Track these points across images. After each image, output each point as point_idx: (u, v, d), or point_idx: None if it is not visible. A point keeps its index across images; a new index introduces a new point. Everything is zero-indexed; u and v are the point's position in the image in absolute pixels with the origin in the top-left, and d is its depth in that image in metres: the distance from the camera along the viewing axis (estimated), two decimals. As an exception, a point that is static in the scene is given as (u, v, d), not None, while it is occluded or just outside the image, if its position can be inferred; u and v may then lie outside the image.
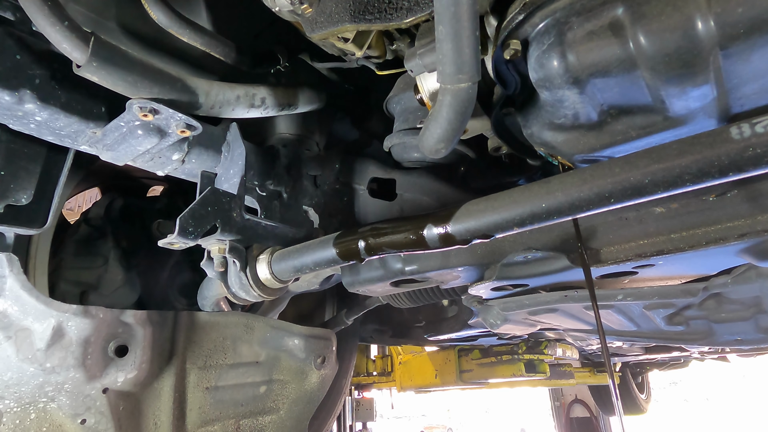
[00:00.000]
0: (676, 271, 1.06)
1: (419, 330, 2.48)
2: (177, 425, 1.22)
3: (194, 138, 1.01)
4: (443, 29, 0.61)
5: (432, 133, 0.75)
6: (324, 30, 0.85)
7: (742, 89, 0.64)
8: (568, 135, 0.77)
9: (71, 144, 0.94)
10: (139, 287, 1.62)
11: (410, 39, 0.96)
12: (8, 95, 0.81)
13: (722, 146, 0.51)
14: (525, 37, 0.73)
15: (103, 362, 1.09)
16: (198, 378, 1.28)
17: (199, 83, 0.89)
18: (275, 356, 1.46)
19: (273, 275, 1.00)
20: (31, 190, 0.99)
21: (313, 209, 1.18)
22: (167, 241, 0.89)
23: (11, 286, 1.01)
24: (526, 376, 3.34)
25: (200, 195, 1.00)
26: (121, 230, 1.62)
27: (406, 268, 1.08)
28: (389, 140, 1.19)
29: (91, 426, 1.08)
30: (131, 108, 0.82)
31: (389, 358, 4.95)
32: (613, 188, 0.57)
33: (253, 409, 1.41)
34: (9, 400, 1.02)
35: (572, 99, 0.71)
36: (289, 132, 1.27)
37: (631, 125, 0.72)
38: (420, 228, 0.77)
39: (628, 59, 0.64)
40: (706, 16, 0.58)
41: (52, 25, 0.72)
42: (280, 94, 1.06)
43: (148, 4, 0.89)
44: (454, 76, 0.65)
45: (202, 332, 1.30)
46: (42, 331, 1.02)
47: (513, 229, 0.67)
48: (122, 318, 1.13)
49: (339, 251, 0.88)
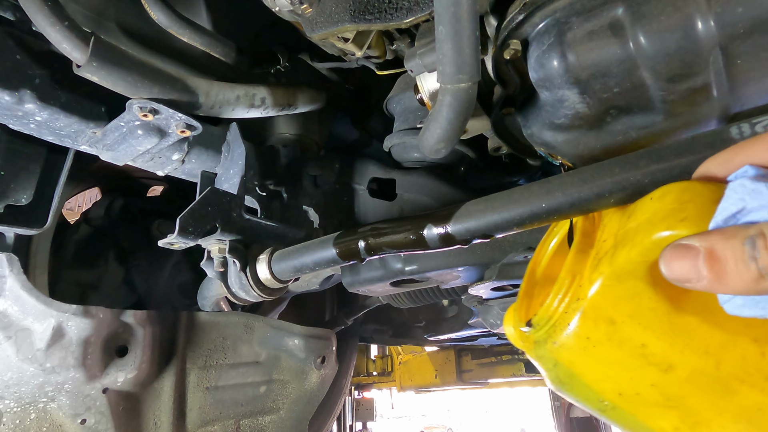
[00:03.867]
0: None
1: (419, 330, 2.48)
2: (177, 425, 1.23)
3: (194, 138, 1.01)
4: (443, 29, 0.61)
5: (432, 133, 0.75)
6: (324, 30, 0.85)
7: (742, 89, 0.64)
8: (568, 135, 0.77)
9: (71, 144, 0.94)
10: (139, 287, 1.62)
11: (410, 39, 0.96)
12: (8, 95, 0.81)
13: (722, 146, 0.51)
14: (525, 37, 0.73)
15: (103, 362, 1.09)
16: (198, 378, 1.28)
17: (199, 83, 0.89)
18: (275, 356, 1.46)
19: (273, 275, 1.00)
20: (31, 190, 0.99)
21: (313, 209, 1.18)
22: (167, 241, 0.89)
23: (11, 286, 1.01)
24: (526, 376, 3.34)
25: (200, 195, 1.00)
26: (121, 230, 1.62)
27: (406, 268, 1.08)
28: (389, 140, 1.19)
29: (91, 426, 1.08)
30: (131, 108, 0.82)
31: (389, 358, 4.95)
32: (613, 188, 0.57)
33: (253, 409, 1.41)
34: (9, 400, 1.03)
35: (572, 99, 0.71)
36: (289, 132, 1.27)
37: (631, 125, 0.72)
38: (420, 228, 0.77)
39: (628, 59, 0.64)
40: (706, 16, 0.58)
41: (52, 25, 0.72)
42: (280, 94, 1.06)
43: (148, 4, 0.89)
44: (454, 76, 0.65)
45: (202, 332, 1.30)
46: (42, 331, 1.02)
47: (513, 229, 0.67)
48: (122, 318, 1.13)
49: (339, 251, 0.88)
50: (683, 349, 0.46)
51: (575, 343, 0.51)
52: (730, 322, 0.44)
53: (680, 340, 0.46)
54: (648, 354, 0.47)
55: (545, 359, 0.55)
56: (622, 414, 0.51)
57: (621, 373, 0.50)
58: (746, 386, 0.45)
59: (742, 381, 0.45)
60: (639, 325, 0.48)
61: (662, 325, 0.47)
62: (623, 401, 0.50)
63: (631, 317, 0.48)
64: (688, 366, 0.46)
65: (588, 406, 0.55)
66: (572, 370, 0.53)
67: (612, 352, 0.49)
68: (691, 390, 0.47)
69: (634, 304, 0.48)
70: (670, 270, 0.40)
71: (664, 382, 0.47)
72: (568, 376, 0.54)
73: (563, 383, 0.55)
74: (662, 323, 0.47)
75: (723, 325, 0.46)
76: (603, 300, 0.50)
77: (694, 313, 0.46)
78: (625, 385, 0.50)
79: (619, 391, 0.50)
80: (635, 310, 0.48)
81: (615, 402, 0.51)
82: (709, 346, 0.46)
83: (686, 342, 0.46)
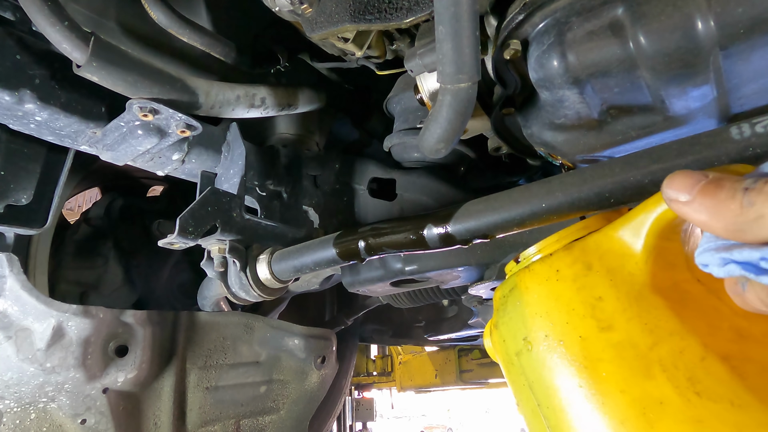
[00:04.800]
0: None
1: (419, 330, 2.48)
2: (177, 425, 1.23)
3: (194, 138, 1.01)
4: (443, 29, 0.61)
5: (432, 133, 0.75)
6: (324, 30, 0.85)
7: (742, 89, 0.64)
8: (568, 135, 0.77)
9: (71, 144, 0.94)
10: (139, 287, 1.62)
11: (410, 39, 0.96)
12: (8, 95, 0.81)
13: (722, 146, 0.51)
14: (525, 37, 0.73)
15: (103, 362, 1.09)
16: (198, 378, 1.28)
17: (199, 83, 0.89)
18: (275, 356, 1.46)
19: (273, 275, 1.00)
20: (31, 190, 0.99)
21: (313, 209, 1.18)
22: (167, 241, 0.89)
23: (11, 286, 1.01)
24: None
25: (200, 195, 1.00)
26: (121, 230, 1.62)
27: (406, 268, 1.08)
28: (389, 140, 1.19)
29: (91, 426, 1.08)
30: (131, 108, 0.82)
31: (389, 358, 4.95)
32: (613, 188, 0.57)
33: (253, 409, 1.41)
34: (9, 400, 1.03)
35: (572, 99, 0.71)
36: (289, 132, 1.27)
37: (631, 125, 0.72)
38: (420, 228, 0.77)
39: (628, 59, 0.64)
40: (706, 16, 0.58)
41: (52, 25, 0.72)
42: (280, 94, 1.06)
43: (148, 4, 0.89)
44: (454, 76, 0.65)
45: (202, 332, 1.30)
46: (42, 331, 1.02)
47: (513, 229, 0.67)
48: (122, 318, 1.13)
49: (339, 251, 0.88)
50: (632, 318, 0.47)
51: (543, 270, 0.53)
52: (693, 320, 0.45)
53: (636, 310, 0.47)
54: (598, 307, 0.48)
55: (507, 283, 0.57)
56: (531, 361, 0.52)
57: (561, 314, 0.50)
58: (665, 377, 0.44)
59: (665, 370, 0.45)
60: (610, 280, 0.48)
61: (630, 290, 0.48)
62: (544, 345, 0.51)
63: (608, 270, 0.49)
64: (625, 333, 0.47)
65: (505, 346, 0.56)
66: (522, 297, 0.54)
67: (568, 292, 0.50)
68: (611, 356, 0.47)
69: (619, 261, 0.49)
70: (669, 180, 0.41)
71: (594, 338, 0.48)
72: (514, 302, 0.55)
73: (505, 310, 0.57)
74: (631, 288, 0.48)
75: (685, 319, 0.46)
76: (595, 246, 0.51)
77: (667, 298, 0.47)
78: (557, 327, 0.50)
79: (548, 332, 0.51)
80: (616, 267, 0.49)
81: (535, 343, 0.51)
82: (659, 327, 0.46)
83: (639, 314, 0.47)
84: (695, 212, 0.38)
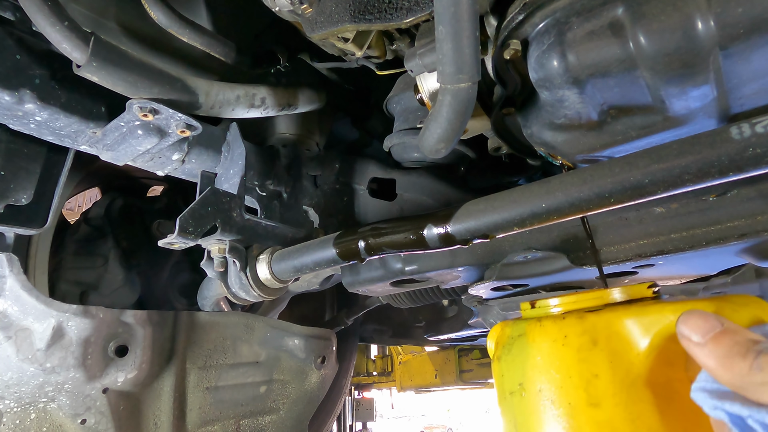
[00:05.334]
0: (676, 271, 1.06)
1: (419, 330, 2.49)
2: (177, 425, 1.23)
3: (194, 138, 1.01)
4: (443, 29, 0.61)
5: (432, 133, 0.75)
6: (324, 30, 0.85)
7: (742, 89, 0.64)
8: (568, 135, 0.77)
9: (71, 144, 0.94)
10: (139, 287, 1.62)
11: (410, 39, 0.96)
12: (8, 95, 0.81)
13: (722, 146, 0.51)
14: (525, 37, 0.73)
15: (103, 362, 1.09)
16: (198, 378, 1.28)
17: (199, 83, 0.89)
18: (275, 356, 1.46)
19: (273, 275, 1.00)
20: (31, 190, 0.99)
21: (313, 209, 1.18)
22: (167, 241, 0.89)
23: (11, 286, 1.01)
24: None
25: (200, 195, 1.00)
26: (121, 230, 1.62)
27: (406, 268, 1.08)
28: (389, 140, 1.19)
29: (91, 426, 1.08)
30: (131, 108, 0.82)
31: (389, 358, 4.95)
32: (613, 188, 0.57)
33: (253, 409, 1.41)
34: (9, 400, 1.03)
35: (572, 99, 0.71)
36: (289, 132, 1.27)
37: (631, 125, 0.72)
38: (420, 228, 0.77)
39: (628, 59, 0.64)
40: (706, 16, 0.58)
41: (52, 25, 0.72)
42: (280, 94, 1.06)
43: (148, 4, 0.89)
44: (454, 76, 0.65)
45: (202, 332, 1.30)
46: (42, 331, 1.02)
47: (513, 229, 0.67)
48: (122, 318, 1.13)
49: (339, 251, 0.88)
50: (619, 404, 0.49)
51: (553, 331, 0.55)
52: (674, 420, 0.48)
53: (625, 397, 0.50)
54: (593, 383, 0.51)
55: (518, 327, 0.59)
56: (522, 405, 0.55)
57: (558, 377, 0.53)
58: None
59: None
60: (610, 362, 0.51)
61: (625, 377, 0.50)
62: (536, 397, 0.54)
63: (611, 352, 0.51)
64: (610, 415, 0.49)
65: (503, 381, 0.59)
66: (528, 347, 0.56)
67: (570, 359, 0.53)
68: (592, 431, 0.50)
69: (623, 347, 0.51)
70: (685, 318, 0.42)
71: (581, 409, 0.51)
72: (519, 347, 0.57)
73: (510, 350, 0.59)
74: (627, 376, 0.50)
75: (667, 418, 0.49)
76: (605, 324, 0.53)
77: (657, 394, 0.50)
78: (552, 386, 0.53)
79: (542, 387, 0.53)
80: (619, 351, 0.51)
81: (528, 391, 0.54)
82: (640, 419, 0.49)
83: (627, 402, 0.49)
84: (705, 356, 0.40)
